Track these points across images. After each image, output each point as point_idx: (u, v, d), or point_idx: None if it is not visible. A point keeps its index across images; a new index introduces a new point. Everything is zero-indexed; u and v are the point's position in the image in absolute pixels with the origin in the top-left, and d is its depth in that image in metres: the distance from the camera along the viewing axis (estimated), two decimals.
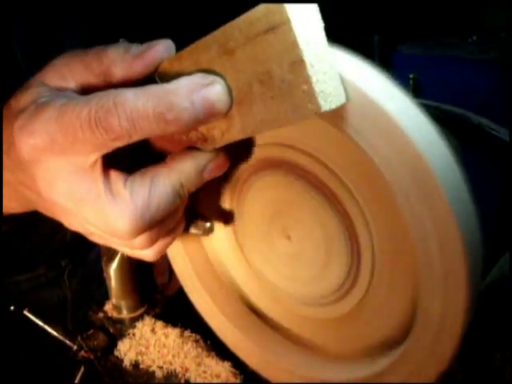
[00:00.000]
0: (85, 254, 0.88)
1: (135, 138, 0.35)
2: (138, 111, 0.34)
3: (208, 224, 0.49)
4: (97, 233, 0.40)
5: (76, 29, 0.69)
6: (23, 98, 0.38)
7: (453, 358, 0.37)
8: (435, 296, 0.36)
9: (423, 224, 0.34)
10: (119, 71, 0.39)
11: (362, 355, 0.46)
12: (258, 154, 0.46)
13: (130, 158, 0.40)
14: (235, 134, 0.37)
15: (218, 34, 0.35)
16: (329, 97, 0.32)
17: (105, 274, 0.68)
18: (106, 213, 0.37)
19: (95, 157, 0.37)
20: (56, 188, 0.37)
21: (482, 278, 0.37)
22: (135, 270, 0.68)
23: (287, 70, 0.32)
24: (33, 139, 0.36)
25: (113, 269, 0.67)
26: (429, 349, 0.38)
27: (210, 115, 0.35)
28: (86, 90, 0.39)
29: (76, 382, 0.67)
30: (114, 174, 0.38)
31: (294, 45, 0.31)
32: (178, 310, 0.69)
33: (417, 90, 1.67)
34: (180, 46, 0.39)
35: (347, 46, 0.35)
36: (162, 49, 0.39)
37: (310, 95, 0.31)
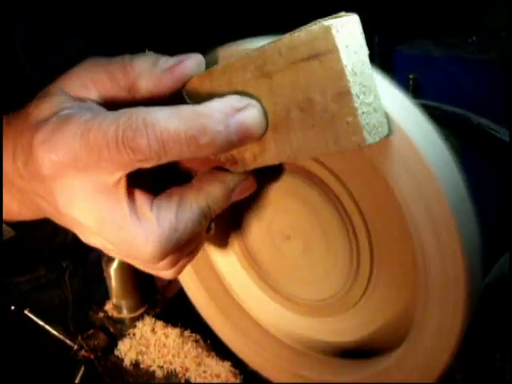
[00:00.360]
0: (85, 255, 0.88)
1: (164, 160, 0.33)
2: (169, 133, 0.32)
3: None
4: (116, 251, 0.39)
5: (76, 28, 0.69)
6: (43, 107, 0.37)
7: (453, 357, 0.37)
8: (435, 296, 0.36)
9: (423, 224, 0.34)
10: (146, 85, 0.37)
11: (362, 355, 0.46)
12: None
13: (154, 175, 0.38)
14: (269, 159, 0.36)
15: (255, 55, 0.33)
16: (373, 129, 0.31)
17: (105, 274, 0.68)
18: (131, 236, 0.36)
19: (119, 175, 0.35)
20: (76, 205, 0.36)
21: (481, 278, 0.37)
22: (135, 270, 0.68)
23: (331, 99, 0.30)
24: (55, 155, 0.34)
25: (113, 269, 0.67)
26: (429, 349, 0.38)
27: (244, 140, 0.34)
28: (108, 102, 0.38)
29: (76, 381, 0.67)
30: (139, 195, 0.37)
31: (340, 75, 0.30)
32: (177, 310, 0.69)
33: (417, 90, 1.66)
34: (181, 46, 0.38)
35: None
36: (192, 64, 0.37)
37: (355, 127, 0.30)
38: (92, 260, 0.88)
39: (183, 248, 0.39)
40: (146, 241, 0.36)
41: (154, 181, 0.38)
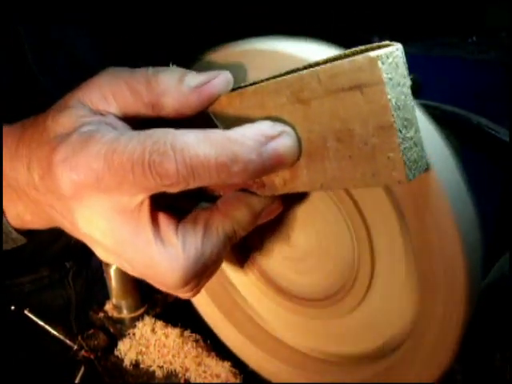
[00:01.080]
0: (89, 256, 0.88)
1: (192, 186, 0.32)
2: (199, 159, 0.31)
3: None
4: (135, 273, 0.38)
5: (80, 28, 0.69)
6: (62, 121, 0.35)
7: (453, 358, 0.37)
8: (435, 296, 0.36)
9: (423, 224, 0.34)
10: (171, 103, 0.35)
11: (362, 356, 0.46)
12: None
13: (177, 195, 0.36)
14: (300, 186, 0.35)
15: (291, 79, 0.32)
16: (414, 164, 0.30)
17: (105, 274, 0.68)
18: (155, 262, 0.35)
19: (142, 197, 0.34)
20: (96, 226, 0.35)
21: (482, 277, 0.37)
22: None
23: (372, 132, 0.29)
24: (76, 175, 0.33)
25: (113, 269, 0.67)
26: (429, 349, 0.38)
27: (276, 168, 0.33)
28: (129, 117, 0.37)
29: (76, 381, 0.67)
30: (164, 219, 0.35)
31: (384, 109, 0.28)
32: (178, 310, 0.69)
33: (417, 90, 1.66)
34: (181, 46, 0.38)
35: (347, 46, 0.35)
36: (221, 83, 0.35)
37: (396, 163, 0.29)
38: (95, 262, 0.88)
39: (206, 272, 0.38)
40: (172, 268, 0.35)
41: (177, 201, 0.37)
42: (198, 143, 0.31)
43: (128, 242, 0.35)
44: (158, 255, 0.35)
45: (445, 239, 0.34)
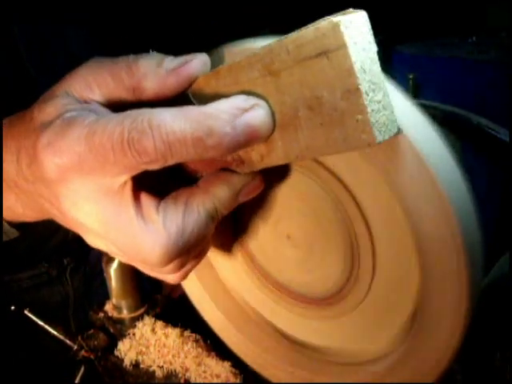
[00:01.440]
0: (87, 252, 0.88)
1: (170, 162, 0.33)
2: (176, 135, 0.32)
3: None
4: (122, 255, 0.39)
5: (79, 28, 0.69)
6: (47, 110, 0.36)
7: (453, 358, 0.37)
8: (435, 296, 0.36)
9: (423, 224, 0.34)
10: (151, 86, 0.36)
11: (363, 354, 0.46)
12: None
13: (160, 177, 0.38)
14: (276, 159, 0.35)
15: (262, 53, 0.33)
16: (383, 127, 0.30)
17: (105, 274, 0.68)
18: (138, 240, 0.36)
19: (125, 178, 0.35)
20: (81, 209, 0.36)
21: (482, 277, 0.37)
22: (135, 270, 0.68)
23: (340, 97, 0.30)
24: (59, 158, 0.34)
25: (113, 269, 0.67)
26: (429, 349, 0.38)
27: (251, 141, 0.33)
28: (113, 103, 0.38)
29: (76, 382, 0.67)
30: (145, 198, 0.36)
31: (349, 72, 0.29)
32: (178, 310, 0.70)
33: (416, 90, 1.66)
34: (181, 46, 0.38)
35: None
36: (198, 64, 0.36)
37: (365, 125, 0.29)
38: (93, 258, 0.88)
39: (190, 251, 0.39)
40: (153, 244, 0.35)
41: (159, 183, 0.38)
42: (174, 119, 0.32)
43: (111, 221, 0.35)
44: (139, 232, 0.35)
45: (446, 239, 0.34)
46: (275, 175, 0.45)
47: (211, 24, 0.77)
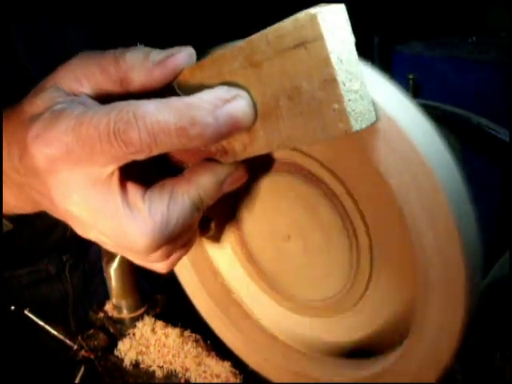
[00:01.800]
0: (86, 249, 0.88)
1: (155, 152, 0.34)
2: (160, 125, 0.33)
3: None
4: (111, 244, 0.40)
5: (79, 28, 0.69)
6: (37, 103, 0.37)
7: (453, 358, 0.37)
8: (435, 296, 0.36)
9: (422, 224, 0.34)
10: (138, 78, 0.37)
11: (362, 355, 0.46)
12: (264, 156, 0.46)
13: (146, 168, 0.39)
14: (258, 149, 0.36)
15: (243, 45, 0.34)
16: (360, 116, 0.31)
17: (105, 274, 0.68)
18: (124, 228, 0.36)
19: (112, 168, 0.36)
20: (71, 199, 0.36)
21: (481, 277, 0.37)
22: (135, 270, 0.68)
23: (318, 87, 0.31)
24: (48, 149, 0.35)
25: (113, 269, 0.67)
26: (429, 349, 0.38)
27: (233, 130, 0.34)
28: (101, 96, 0.38)
29: (76, 382, 0.67)
30: (132, 187, 0.37)
31: (326, 62, 0.30)
32: (178, 310, 0.69)
33: (416, 90, 1.67)
34: (181, 45, 0.38)
35: None
36: (183, 57, 0.37)
37: (342, 114, 0.30)
38: (92, 255, 0.88)
39: (176, 240, 0.40)
40: (139, 232, 0.36)
41: (146, 174, 0.38)
42: (158, 110, 0.33)
43: (99, 210, 0.36)
44: (125, 220, 0.36)
45: (445, 239, 0.34)
46: (271, 177, 0.46)
47: (211, 24, 0.77)
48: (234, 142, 0.37)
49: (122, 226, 0.36)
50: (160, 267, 0.43)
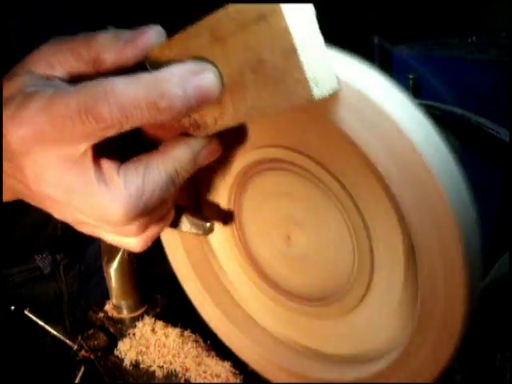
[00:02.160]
0: (82, 250, 0.88)
1: (126, 126, 0.34)
2: (129, 100, 0.33)
3: (208, 224, 0.49)
4: (87, 221, 0.40)
5: (74, 24, 0.69)
6: (10, 87, 0.37)
7: (453, 358, 0.37)
8: (435, 296, 0.36)
9: (422, 224, 0.34)
10: (109, 58, 0.38)
11: (361, 355, 0.46)
12: (256, 155, 0.46)
13: (122, 147, 0.39)
14: (228, 121, 0.37)
15: (208, 21, 0.35)
16: (321, 83, 0.32)
17: (105, 274, 0.68)
18: (99, 200, 0.37)
19: (85, 146, 0.36)
20: (45, 179, 0.37)
21: (482, 277, 0.37)
22: (135, 270, 0.69)
23: (279, 57, 0.32)
24: (21, 130, 0.35)
25: (113, 269, 0.67)
26: (429, 349, 0.38)
27: (202, 102, 0.35)
28: (74, 78, 0.39)
29: (76, 382, 0.67)
30: (106, 163, 0.37)
31: (285, 32, 0.31)
32: (178, 310, 0.70)
33: (416, 90, 1.66)
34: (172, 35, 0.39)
35: (346, 47, 0.35)
36: (152, 35, 0.38)
37: (303, 82, 0.31)
38: (89, 256, 0.88)
39: (151, 213, 0.40)
40: (114, 204, 0.37)
41: (122, 153, 0.39)
42: (128, 85, 0.34)
43: (73, 188, 0.37)
44: (101, 194, 0.37)
45: (444, 239, 0.34)
46: (270, 176, 0.46)
47: (202, 14, 0.77)
48: (206, 115, 0.38)
49: (98, 199, 0.37)
50: (135, 244, 0.43)
